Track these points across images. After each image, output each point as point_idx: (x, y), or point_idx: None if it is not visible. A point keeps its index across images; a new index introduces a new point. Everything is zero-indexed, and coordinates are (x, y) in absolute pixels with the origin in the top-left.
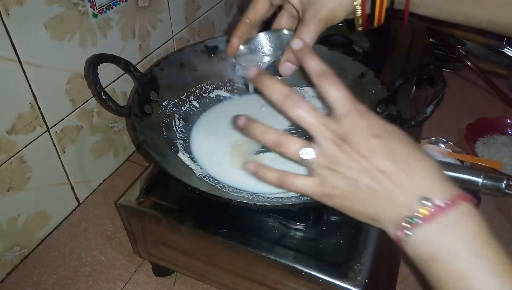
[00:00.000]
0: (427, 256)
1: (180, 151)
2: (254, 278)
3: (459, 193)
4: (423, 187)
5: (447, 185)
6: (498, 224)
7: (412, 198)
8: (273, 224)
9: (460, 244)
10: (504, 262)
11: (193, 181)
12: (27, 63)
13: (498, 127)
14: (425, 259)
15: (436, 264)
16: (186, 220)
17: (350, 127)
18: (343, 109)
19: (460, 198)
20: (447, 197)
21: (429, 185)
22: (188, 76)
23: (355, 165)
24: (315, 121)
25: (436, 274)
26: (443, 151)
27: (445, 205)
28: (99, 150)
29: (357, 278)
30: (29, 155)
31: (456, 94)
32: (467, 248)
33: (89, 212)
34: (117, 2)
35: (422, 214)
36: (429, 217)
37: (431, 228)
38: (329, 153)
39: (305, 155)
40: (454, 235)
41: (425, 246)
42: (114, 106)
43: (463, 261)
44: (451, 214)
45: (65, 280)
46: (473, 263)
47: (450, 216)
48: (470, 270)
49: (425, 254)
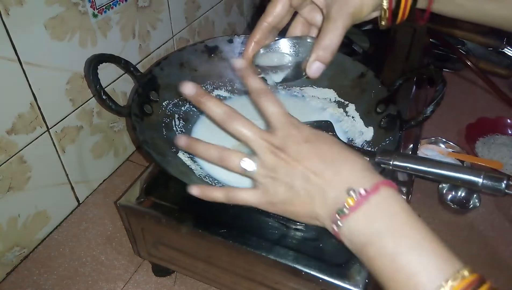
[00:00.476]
0: (360, 244)
1: (180, 151)
2: (254, 278)
3: (381, 180)
4: (349, 181)
5: (370, 176)
6: (498, 224)
7: (340, 191)
8: (273, 224)
9: (383, 226)
10: (427, 238)
11: (193, 181)
12: (27, 63)
13: (498, 127)
14: (359, 247)
15: (367, 249)
16: (186, 220)
17: (284, 137)
18: (278, 122)
19: (381, 185)
20: (369, 185)
21: (354, 178)
22: (188, 76)
23: (290, 170)
24: (252, 135)
25: (369, 259)
26: (443, 151)
27: (367, 193)
28: (99, 150)
29: (357, 278)
30: (29, 155)
31: (456, 94)
32: (390, 228)
33: (89, 212)
34: (117, 2)
35: (349, 204)
36: (355, 206)
37: (358, 215)
38: (268, 162)
39: (246, 166)
40: (377, 218)
41: (356, 234)
42: (114, 106)
43: (387, 242)
44: (373, 199)
45: (65, 280)
46: (397, 242)
47: (372, 201)
48: (394, 249)
49: (358, 242)
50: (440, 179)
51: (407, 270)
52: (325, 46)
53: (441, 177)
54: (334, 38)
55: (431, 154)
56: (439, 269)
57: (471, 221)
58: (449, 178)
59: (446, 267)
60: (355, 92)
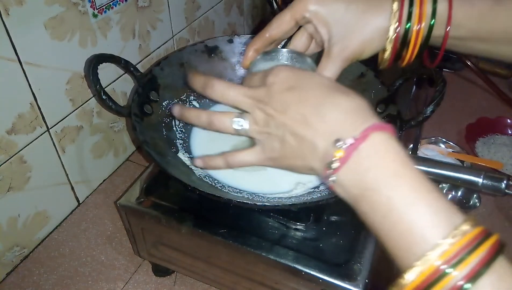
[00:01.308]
0: (355, 195)
1: (180, 151)
2: (254, 278)
3: (372, 123)
4: (336, 128)
5: (360, 119)
6: (498, 224)
7: (327, 142)
8: (273, 224)
9: (374, 177)
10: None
11: (193, 181)
12: (27, 63)
13: (498, 127)
14: (355, 199)
15: (360, 204)
16: (186, 220)
17: (266, 89)
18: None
19: (372, 130)
20: (358, 133)
21: (341, 124)
22: (188, 76)
23: (279, 124)
24: (237, 94)
25: (363, 214)
26: (443, 151)
27: (355, 142)
28: (99, 150)
29: (357, 278)
30: (29, 155)
31: (456, 94)
32: (381, 180)
33: (89, 212)
34: (117, 2)
35: (337, 157)
36: (345, 158)
37: (349, 167)
38: (258, 118)
39: (238, 126)
40: (369, 169)
41: (350, 186)
42: (114, 106)
43: (379, 196)
44: (363, 148)
45: (65, 280)
46: (389, 196)
47: (362, 150)
48: (387, 205)
49: (353, 194)
50: (440, 179)
51: (399, 228)
52: None
53: (441, 177)
54: (330, 76)
55: (431, 154)
56: (436, 224)
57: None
58: (449, 178)
59: (444, 222)
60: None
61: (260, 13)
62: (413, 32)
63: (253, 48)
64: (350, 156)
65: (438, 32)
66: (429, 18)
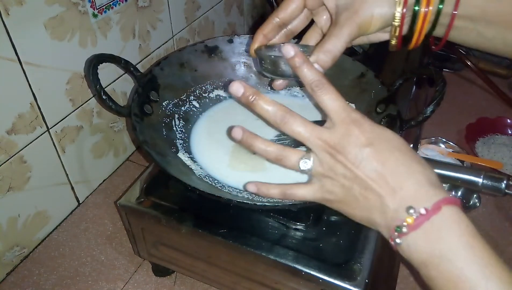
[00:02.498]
0: (420, 261)
1: (180, 151)
2: (254, 278)
3: (443, 198)
4: (411, 196)
5: (432, 192)
6: (498, 224)
7: (400, 206)
8: (273, 224)
9: (445, 248)
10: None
11: (193, 181)
12: (27, 63)
13: (498, 127)
14: (418, 264)
15: (428, 268)
16: (186, 220)
17: (343, 137)
18: (337, 119)
19: (444, 203)
20: (430, 204)
21: (416, 194)
22: (188, 76)
23: (348, 174)
24: (309, 134)
25: (429, 278)
26: (443, 151)
27: (427, 213)
28: (99, 150)
29: (357, 278)
30: (29, 155)
31: (456, 94)
32: (453, 252)
33: (89, 212)
34: (117, 2)
35: (408, 223)
36: (414, 226)
37: (417, 234)
38: (325, 162)
39: (303, 166)
40: (439, 239)
41: (415, 252)
42: (114, 106)
43: (451, 266)
44: (434, 219)
45: (65, 280)
46: (460, 268)
47: (433, 222)
48: (459, 277)
49: (417, 259)
50: (440, 179)
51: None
52: (327, 49)
53: (441, 177)
54: (337, 44)
55: (431, 154)
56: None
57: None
58: (449, 178)
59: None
60: (355, 92)
61: (260, 13)
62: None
63: (262, 32)
64: (421, 225)
65: (447, 9)
66: None
